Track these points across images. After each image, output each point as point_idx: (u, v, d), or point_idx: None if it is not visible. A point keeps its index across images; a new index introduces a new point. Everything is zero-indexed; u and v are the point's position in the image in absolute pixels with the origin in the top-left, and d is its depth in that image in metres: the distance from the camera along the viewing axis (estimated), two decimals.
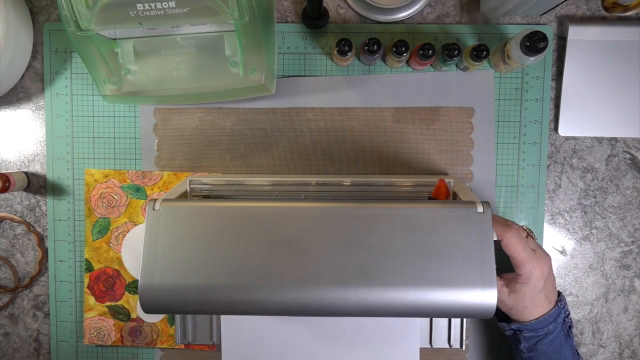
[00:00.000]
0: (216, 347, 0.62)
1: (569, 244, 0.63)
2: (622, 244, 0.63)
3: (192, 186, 0.53)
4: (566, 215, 0.63)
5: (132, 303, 0.63)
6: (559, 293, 0.52)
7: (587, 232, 0.63)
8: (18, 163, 0.63)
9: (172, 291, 0.42)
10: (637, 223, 0.63)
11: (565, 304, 0.52)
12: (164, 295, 0.42)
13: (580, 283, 0.63)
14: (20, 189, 0.62)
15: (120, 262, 0.62)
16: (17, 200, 0.63)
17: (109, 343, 0.63)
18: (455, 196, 0.52)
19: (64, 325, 0.64)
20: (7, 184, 0.58)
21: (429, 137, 0.61)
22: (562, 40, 0.61)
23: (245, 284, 0.42)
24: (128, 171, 0.62)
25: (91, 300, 0.63)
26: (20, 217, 0.63)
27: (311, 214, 0.43)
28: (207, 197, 0.54)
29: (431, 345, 0.59)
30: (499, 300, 0.50)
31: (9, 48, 0.55)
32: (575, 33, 0.59)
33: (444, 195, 0.51)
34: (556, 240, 0.63)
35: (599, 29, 0.60)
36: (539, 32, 0.50)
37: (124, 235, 0.62)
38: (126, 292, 0.63)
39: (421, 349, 0.58)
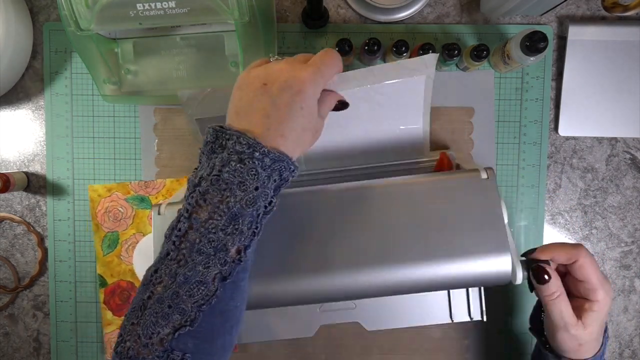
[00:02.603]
0: (238, 347, 0.62)
1: None
2: (622, 244, 0.63)
3: None
4: (566, 215, 0.63)
5: None
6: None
7: (587, 232, 0.63)
8: (18, 163, 0.63)
9: None
10: (637, 223, 0.63)
11: (608, 334, 0.47)
12: None
13: None
14: (20, 189, 0.62)
15: (133, 274, 0.62)
16: (17, 200, 0.63)
17: None
18: (458, 167, 0.51)
19: (64, 325, 0.64)
20: (7, 184, 0.57)
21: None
22: (562, 40, 0.61)
23: (261, 279, 0.42)
24: (131, 182, 0.62)
25: (109, 315, 0.63)
26: (20, 217, 0.63)
27: (317, 197, 0.43)
28: None
29: (452, 320, 0.56)
30: (570, 338, 0.42)
31: (9, 48, 0.55)
32: (575, 33, 0.59)
33: (447, 167, 0.51)
34: (556, 240, 0.63)
35: (599, 29, 0.60)
36: (539, 32, 0.50)
37: (133, 247, 0.62)
38: None
39: (440, 325, 0.56)
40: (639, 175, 0.62)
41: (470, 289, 0.56)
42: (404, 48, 0.54)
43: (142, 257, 0.62)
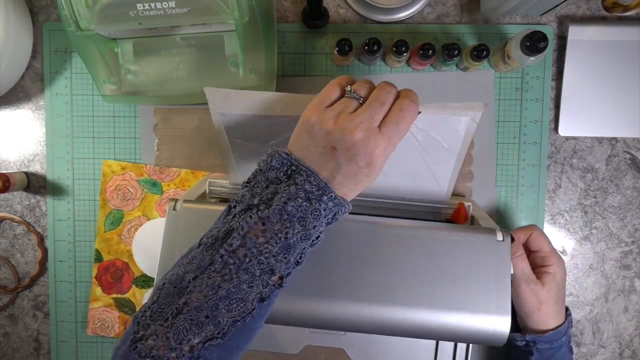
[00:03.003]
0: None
1: (569, 244, 0.63)
2: (622, 244, 0.63)
3: (211, 187, 0.53)
4: (566, 215, 0.63)
5: (139, 297, 0.63)
6: (566, 307, 0.52)
7: (587, 232, 0.63)
8: (18, 163, 0.63)
9: None
10: (637, 223, 0.63)
11: (572, 317, 0.51)
12: None
13: (581, 283, 0.63)
14: (20, 189, 0.62)
15: (130, 256, 0.62)
16: (17, 200, 0.63)
17: (112, 335, 0.63)
18: (473, 220, 0.51)
19: (64, 325, 0.64)
20: (7, 184, 0.57)
21: None
22: (562, 40, 0.61)
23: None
24: (146, 165, 0.62)
25: (98, 291, 0.63)
26: (20, 217, 0.63)
27: (333, 228, 0.43)
28: (225, 200, 0.54)
29: None
30: (531, 293, 0.48)
31: (9, 48, 0.55)
32: (575, 33, 0.59)
33: (462, 219, 0.51)
34: (556, 240, 0.63)
35: (599, 29, 0.60)
36: (539, 32, 0.50)
37: (136, 229, 0.62)
38: (133, 286, 0.63)
39: None
40: (639, 175, 0.62)
41: (458, 344, 0.56)
42: (404, 48, 0.54)
43: (143, 241, 0.62)
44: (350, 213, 0.43)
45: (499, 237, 0.43)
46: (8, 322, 0.64)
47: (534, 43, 0.50)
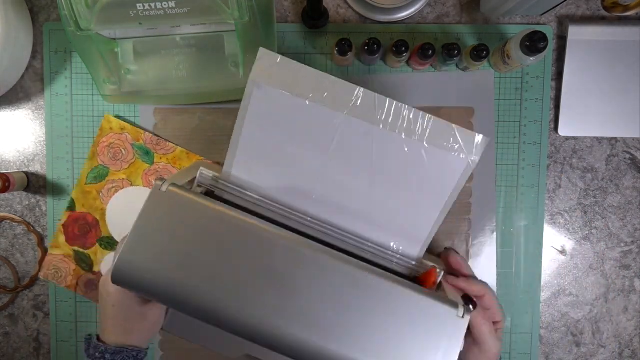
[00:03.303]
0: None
1: (569, 244, 0.63)
2: (622, 244, 0.63)
3: (201, 176, 0.52)
4: (566, 215, 0.63)
5: (99, 256, 0.62)
6: None
7: (587, 232, 0.63)
8: (18, 163, 0.63)
9: (148, 275, 0.43)
10: (637, 223, 0.63)
11: None
12: (138, 276, 0.43)
13: (580, 283, 0.64)
14: (20, 189, 0.62)
15: (103, 215, 0.62)
16: (17, 200, 0.63)
17: (63, 285, 0.63)
18: (439, 287, 0.50)
19: (64, 325, 0.64)
20: (7, 184, 0.57)
21: None
22: (562, 40, 0.61)
23: (215, 296, 0.42)
24: (145, 132, 0.61)
25: (61, 238, 0.62)
26: (20, 217, 0.63)
27: (300, 254, 0.43)
28: (211, 192, 0.53)
29: None
30: (482, 351, 0.46)
31: (9, 48, 0.55)
32: (575, 33, 0.59)
33: (430, 284, 0.49)
34: (556, 240, 0.63)
35: (599, 29, 0.60)
36: (539, 32, 0.50)
37: (116, 191, 0.62)
38: (97, 244, 0.62)
39: None
40: (639, 175, 0.62)
41: None
42: (404, 48, 0.54)
43: (120, 205, 0.61)
44: (318, 240, 0.44)
45: (460, 313, 0.42)
46: (8, 322, 0.64)
47: (534, 43, 0.50)
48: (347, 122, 0.48)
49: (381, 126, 0.47)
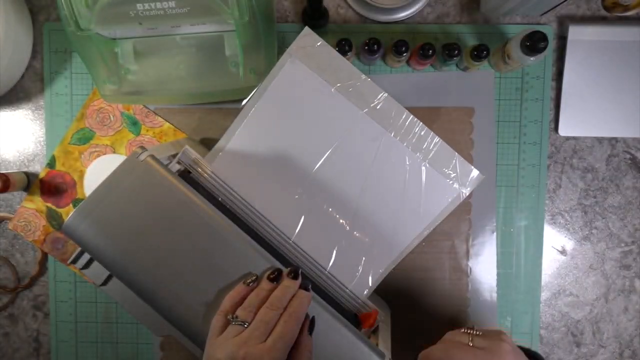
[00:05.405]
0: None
1: (569, 244, 0.63)
2: (622, 244, 0.63)
3: (184, 154, 0.50)
4: (566, 215, 0.63)
5: None
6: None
7: (588, 232, 0.63)
8: (18, 163, 0.63)
9: (96, 238, 0.43)
10: (638, 223, 0.63)
11: None
12: (87, 235, 0.43)
13: (581, 283, 0.63)
14: (20, 189, 0.62)
15: (82, 177, 0.62)
16: (17, 200, 0.63)
17: (30, 239, 0.62)
18: (376, 330, 0.49)
19: (64, 325, 0.64)
20: (7, 184, 0.57)
21: None
22: (562, 40, 0.61)
23: (150, 276, 0.43)
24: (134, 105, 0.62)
25: (37, 193, 0.62)
26: None
27: (243, 254, 0.43)
28: (187, 173, 0.51)
29: None
30: None
31: (8, 48, 0.55)
32: (575, 33, 0.59)
33: (368, 325, 0.49)
34: (556, 240, 0.63)
35: (599, 29, 0.60)
36: (539, 32, 0.50)
37: (98, 155, 0.62)
38: (71, 205, 0.62)
39: None
40: (639, 175, 0.62)
41: None
42: (404, 48, 0.54)
43: (99, 170, 0.62)
44: (273, 251, 0.44)
45: None
46: (8, 322, 0.64)
47: (534, 43, 0.50)
48: (362, 120, 0.50)
49: (392, 134, 0.50)
